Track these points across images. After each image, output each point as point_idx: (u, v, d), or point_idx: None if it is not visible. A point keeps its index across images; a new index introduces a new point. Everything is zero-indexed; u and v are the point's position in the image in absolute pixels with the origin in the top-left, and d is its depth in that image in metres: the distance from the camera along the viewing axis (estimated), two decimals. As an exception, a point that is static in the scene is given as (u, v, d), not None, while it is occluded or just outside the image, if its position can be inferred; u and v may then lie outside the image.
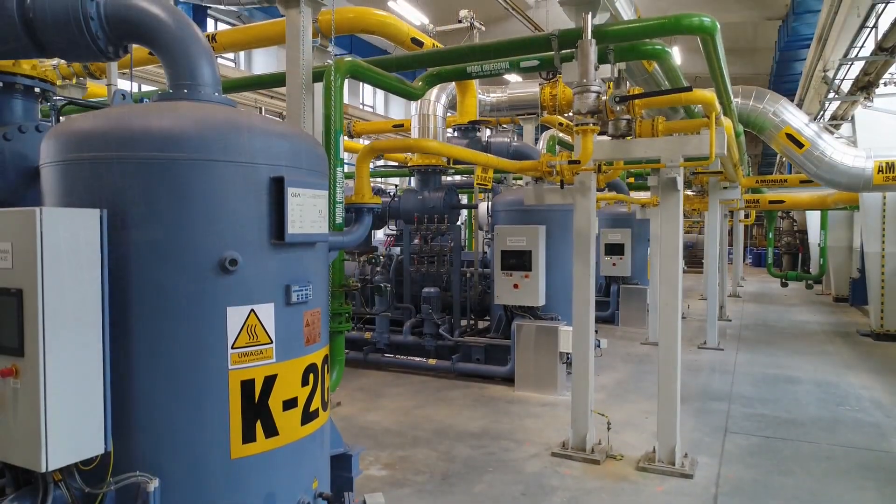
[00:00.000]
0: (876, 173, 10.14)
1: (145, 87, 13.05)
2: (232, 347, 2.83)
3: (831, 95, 10.05)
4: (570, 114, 5.07)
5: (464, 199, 14.27)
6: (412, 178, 9.72)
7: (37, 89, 4.11)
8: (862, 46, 8.03)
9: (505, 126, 11.49)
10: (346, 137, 8.02)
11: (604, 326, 12.81)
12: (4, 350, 2.47)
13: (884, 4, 6.67)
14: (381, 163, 20.20)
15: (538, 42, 5.37)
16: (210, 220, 2.79)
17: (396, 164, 19.23)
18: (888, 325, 11.43)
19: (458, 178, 12.38)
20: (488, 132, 10.96)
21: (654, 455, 5.38)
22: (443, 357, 8.68)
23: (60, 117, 3.68)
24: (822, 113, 11.28)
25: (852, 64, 8.52)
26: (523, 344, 7.75)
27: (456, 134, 8.82)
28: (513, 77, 25.67)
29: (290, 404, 3.04)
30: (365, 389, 7.86)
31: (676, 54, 22.66)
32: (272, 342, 2.96)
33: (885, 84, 9.08)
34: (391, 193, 9.77)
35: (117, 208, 2.71)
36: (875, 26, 7.25)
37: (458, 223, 9.58)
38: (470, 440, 5.97)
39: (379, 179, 19.59)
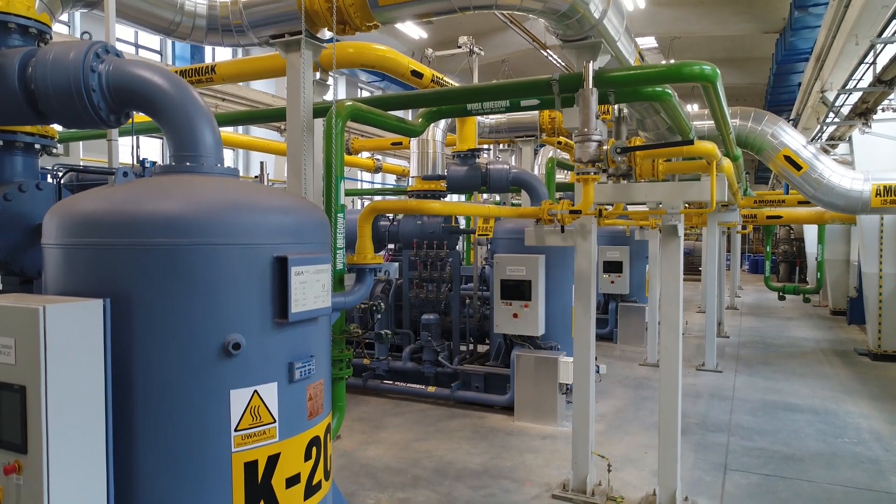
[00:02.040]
0: (874, 196, 10.16)
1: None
2: (235, 430, 2.82)
3: (830, 118, 10.07)
4: (574, 151, 5.07)
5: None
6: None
7: (37, 146, 4.13)
8: (860, 79, 8.06)
9: (504, 147, 11.52)
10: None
11: (602, 344, 12.83)
12: (7, 446, 2.46)
13: (882, 45, 6.70)
14: (378, 177, 20.27)
15: (539, 85, 5.35)
16: (213, 303, 2.78)
17: (396, 176, 19.27)
18: (885, 345, 11.46)
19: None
20: (487, 152, 10.97)
21: (655, 498, 5.39)
22: (442, 384, 8.67)
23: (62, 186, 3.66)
24: (819, 134, 11.31)
25: (850, 95, 8.55)
26: (523, 374, 7.76)
27: (456, 160, 8.82)
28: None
29: (292, 481, 3.03)
30: (364, 419, 7.85)
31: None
32: (275, 421, 2.95)
33: (884, 110, 9.11)
34: (390, 217, 9.76)
35: (120, 294, 2.69)
36: (874, 63, 7.29)
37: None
38: (470, 479, 5.97)
39: (378, 198, 19.50)
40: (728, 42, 22.89)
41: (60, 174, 3.80)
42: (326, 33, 5.35)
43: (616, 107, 5.95)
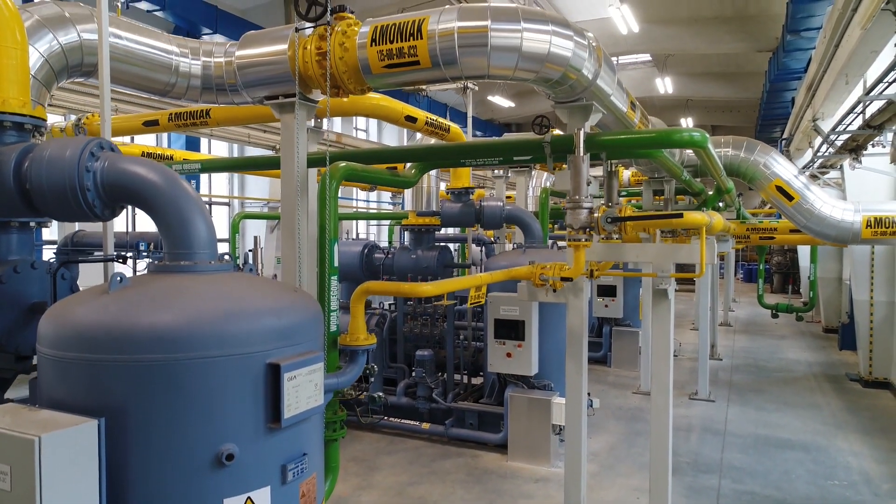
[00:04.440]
0: (864, 228, 10.23)
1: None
2: (229, 538, 2.87)
3: (821, 152, 10.17)
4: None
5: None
6: (405, 235, 9.76)
7: (32, 223, 4.16)
8: (850, 123, 8.16)
9: (498, 173, 11.59)
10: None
11: (596, 368, 12.90)
12: (3, 570, 2.50)
13: (869, 102, 6.80)
14: (374, 195, 20.27)
15: (530, 145, 5.44)
16: (207, 414, 2.82)
17: (391, 193, 19.28)
18: (876, 372, 11.55)
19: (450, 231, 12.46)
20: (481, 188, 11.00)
21: (646, 554, 5.45)
22: (436, 419, 8.72)
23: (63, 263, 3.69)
24: (811, 164, 11.42)
25: (839, 136, 8.65)
26: (516, 414, 7.80)
27: (450, 197, 8.89)
28: (505, 102, 25.41)
29: (285, 581, 3.07)
30: (358, 459, 7.88)
31: (668, 83, 22.83)
32: (268, 525, 2.99)
33: (874, 145, 9.21)
34: (385, 250, 9.80)
35: (114, 407, 2.73)
36: (863, 112, 7.40)
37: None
38: (463, 530, 6.01)
39: (373, 224, 19.41)
40: (722, 57, 23.03)
41: (56, 266, 3.82)
42: (320, 94, 5.38)
43: (609, 162, 6.02)
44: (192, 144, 14.61)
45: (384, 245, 11.96)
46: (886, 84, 5.94)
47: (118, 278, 3.05)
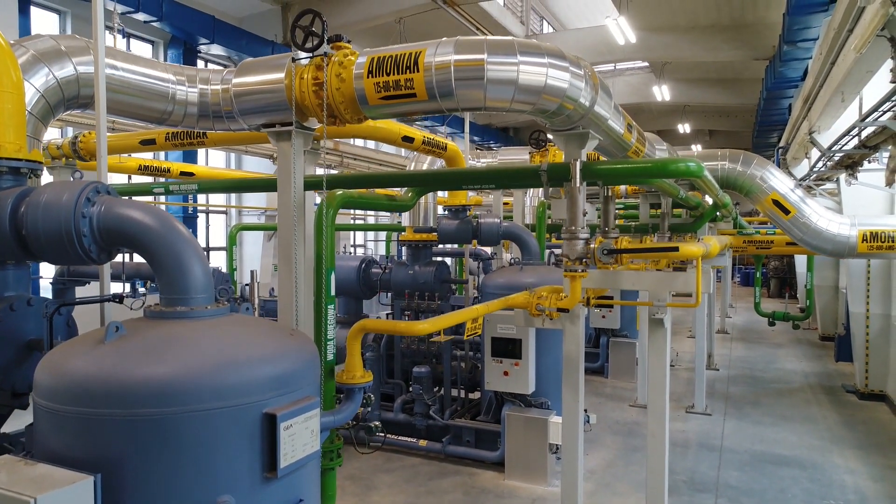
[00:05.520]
0: (860, 242, 10.26)
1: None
2: (225, 590, 2.87)
3: (818, 167, 10.20)
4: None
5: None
6: (402, 250, 9.76)
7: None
8: (845, 144, 8.20)
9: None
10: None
11: (593, 379, 12.93)
12: None
13: (865, 127, 6.84)
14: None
15: (527, 173, 5.43)
16: (202, 467, 2.82)
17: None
18: (872, 384, 11.59)
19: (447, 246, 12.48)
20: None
21: (642, 580, 5.46)
22: (433, 436, 8.72)
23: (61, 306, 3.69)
24: (808, 177, 11.45)
25: (834, 154, 8.68)
26: (513, 433, 7.81)
27: (447, 214, 8.89)
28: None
29: None
30: (355, 478, 7.88)
31: (665, 91, 22.84)
32: (264, 576, 3.00)
33: (870, 161, 9.24)
34: (382, 265, 9.80)
35: (111, 462, 2.74)
36: (858, 135, 7.43)
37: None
38: (460, 554, 6.02)
39: (371, 235, 19.39)
40: (720, 64, 23.05)
41: (51, 309, 3.81)
42: (316, 123, 5.38)
43: (606, 187, 6.03)
44: (190, 154, 14.59)
45: (381, 256, 11.97)
46: (881, 113, 5.97)
47: (114, 328, 3.05)
